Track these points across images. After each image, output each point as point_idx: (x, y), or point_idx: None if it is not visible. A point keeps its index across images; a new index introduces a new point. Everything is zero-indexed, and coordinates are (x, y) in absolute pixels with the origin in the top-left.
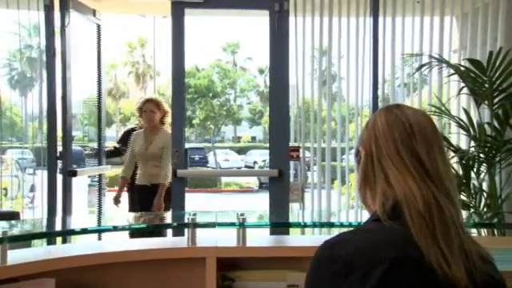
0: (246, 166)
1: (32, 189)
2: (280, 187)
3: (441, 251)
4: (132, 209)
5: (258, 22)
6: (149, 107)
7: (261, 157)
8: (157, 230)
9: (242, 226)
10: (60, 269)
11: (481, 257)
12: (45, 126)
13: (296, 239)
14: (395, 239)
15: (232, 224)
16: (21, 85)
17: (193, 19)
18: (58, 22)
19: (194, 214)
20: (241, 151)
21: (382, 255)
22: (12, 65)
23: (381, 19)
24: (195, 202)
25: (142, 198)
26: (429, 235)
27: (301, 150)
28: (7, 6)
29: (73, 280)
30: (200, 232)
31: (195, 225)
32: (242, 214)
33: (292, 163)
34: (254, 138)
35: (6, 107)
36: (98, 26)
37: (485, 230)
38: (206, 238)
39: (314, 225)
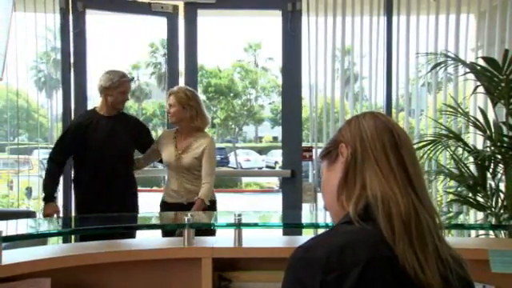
0: (267, 166)
1: None
2: (293, 188)
3: (416, 256)
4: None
5: (280, 22)
6: (170, 101)
7: (282, 157)
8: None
9: (238, 226)
10: (55, 268)
11: (457, 262)
12: None
13: (299, 239)
14: (368, 240)
15: (228, 225)
16: (47, 86)
17: (215, 20)
18: (84, 25)
19: (191, 215)
20: (262, 151)
21: (356, 256)
22: (39, 67)
23: (395, 18)
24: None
25: None
26: (406, 240)
27: (314, 151)
28: (24, 10)
29: (69, 280)
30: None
31: (192, 225)
32: (238, 215)
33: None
34: (275, 138)
35: (33, 109)
36: (170, 19)
37: (502, 231)
38: (203, 239)
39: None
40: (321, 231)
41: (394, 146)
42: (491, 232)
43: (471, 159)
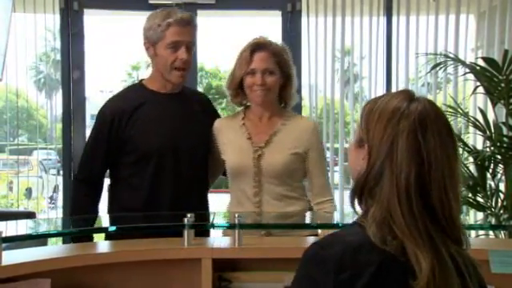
0: None
1: (55, 189)
2: None
3: None
4: None
5: (279, 23)
6: (261, 64)
7: None
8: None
9: (237, 227)
10: (55, 269)
11: (475, 270)
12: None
13: (299, 240)
14: None
15: (228, 225)
16: (47, 87)
17: (215, 21)
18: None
19: (191, 216)
20: None
21: (370, 257)
22: (39, 67)
23: (394, 18)
24: (217, 203)
25: None
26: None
27: None
28: (24, 10)
29: (69, 280)
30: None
31: (191, 226)
32: (239, 215)
33: None
34: None
35: (33, 109)
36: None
37: (502, 231)
38: (203, 239)
39: (316, 226)
40: (321, 232)
41: (421, 181)
42: (491, 232)
43: (471, 159)
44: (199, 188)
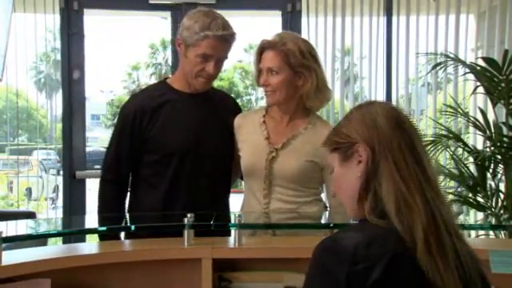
0: None
1: (55, 189)
2: None
3: (436, 265)
4: None
5: (280, 23)
6: (265, 63)
7: None
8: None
9: (238, 226)
10: (56, 269)
11: (473, 259)
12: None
13: (300, 240)
14: (394, 235)
15: (229, 225)
16: (47, 87)
17: None
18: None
19: (191, 215)
20: None
21: (382, 250)
22: (39, 67)
23: (395, 18)
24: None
25: None
26: (426, 251)
27: None
28: (24, 10)
29: (68, 280)
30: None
31: (191, 226)
32: (239, 215)
33: None
34: None
35: (33, 109)
36: (174, 14)
37: (502, 231)
38: (204, 239)
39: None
40: (321, 232)
41: (410, 144)
42: (491, 232)
43: (471, 159)
44: (220, 189)
